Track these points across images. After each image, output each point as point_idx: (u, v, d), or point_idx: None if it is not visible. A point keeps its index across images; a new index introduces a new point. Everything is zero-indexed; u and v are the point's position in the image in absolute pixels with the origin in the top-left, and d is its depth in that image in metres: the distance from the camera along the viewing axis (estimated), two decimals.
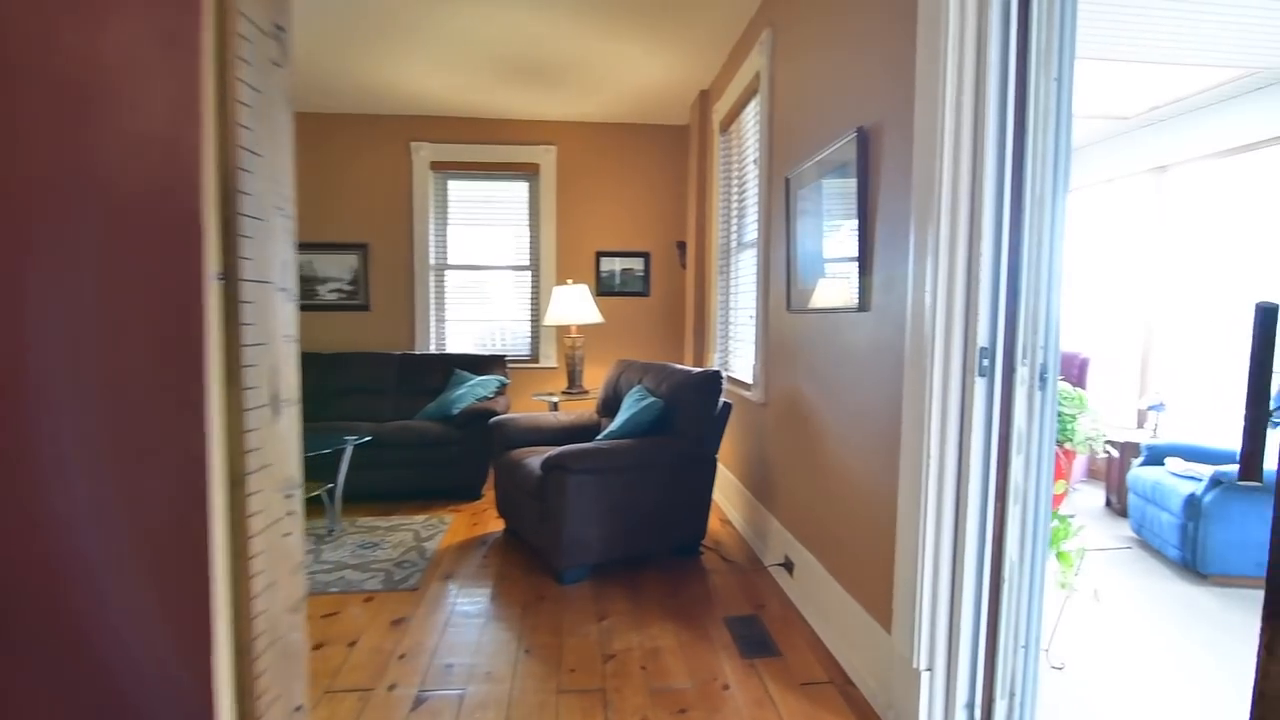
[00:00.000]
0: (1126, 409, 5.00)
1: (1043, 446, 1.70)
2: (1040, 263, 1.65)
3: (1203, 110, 4.26)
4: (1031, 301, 1.66)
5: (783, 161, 2.88)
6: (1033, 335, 1.67)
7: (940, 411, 1.72)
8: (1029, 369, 1.67)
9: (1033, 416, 1.69)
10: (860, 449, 2.16)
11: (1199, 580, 3.11)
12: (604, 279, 5.30)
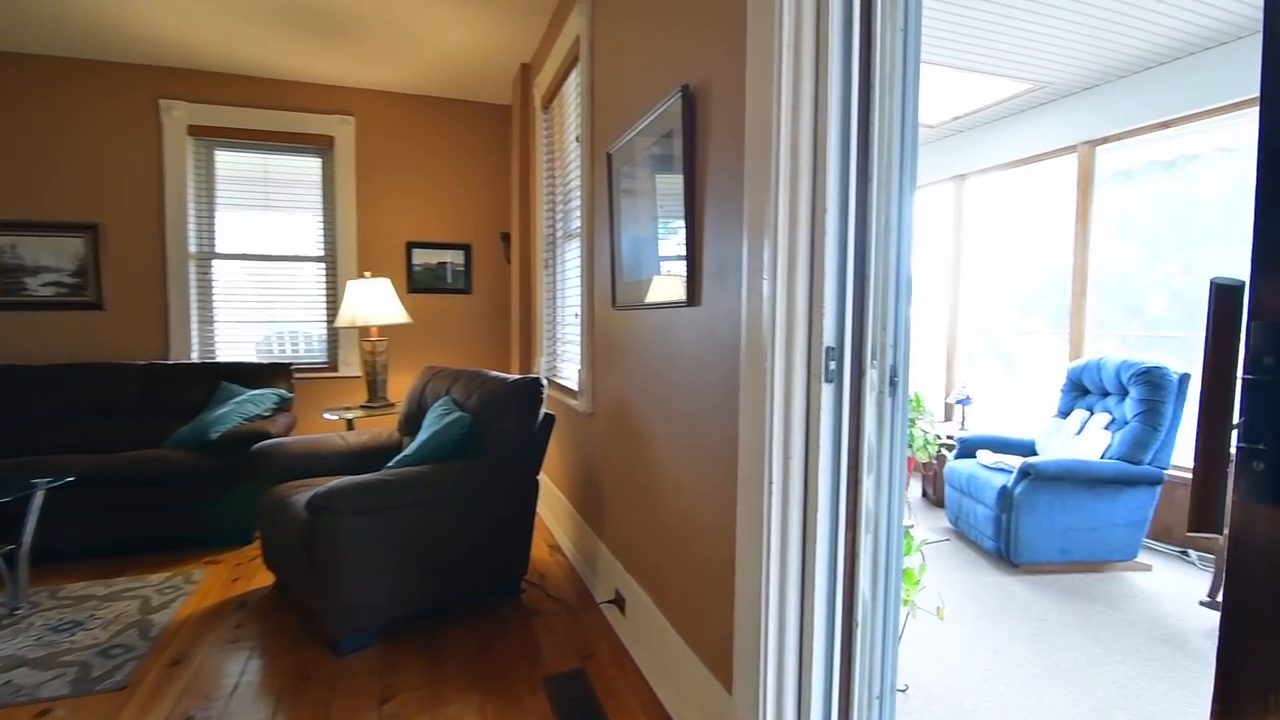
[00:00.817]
0: (935, 403, 5.30)
1: (894, 463, 1.45)
2: (889, 246, 1.40)
3: (997, 123, 4.58)
4: (880, 292, 1.40)
5: (605, 135, 2.51)
6: (882, 333, 1.41)
7: (783, 424, 1.42)
8: (879, 372, 1.42)
9: (883, 428, 1.44)
10: (694, 468, 1.83)
11: (1012, 570, 3.21)
12: (417, 274, 4.64)
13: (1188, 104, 3.47)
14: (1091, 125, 3.96)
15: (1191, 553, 3.44)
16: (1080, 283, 4.14)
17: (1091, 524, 3.18)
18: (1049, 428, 3.82)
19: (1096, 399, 3.61)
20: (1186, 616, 2.73)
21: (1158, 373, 3.21)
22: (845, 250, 1.38)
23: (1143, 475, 3.15)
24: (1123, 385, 3.39)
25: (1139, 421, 3.21)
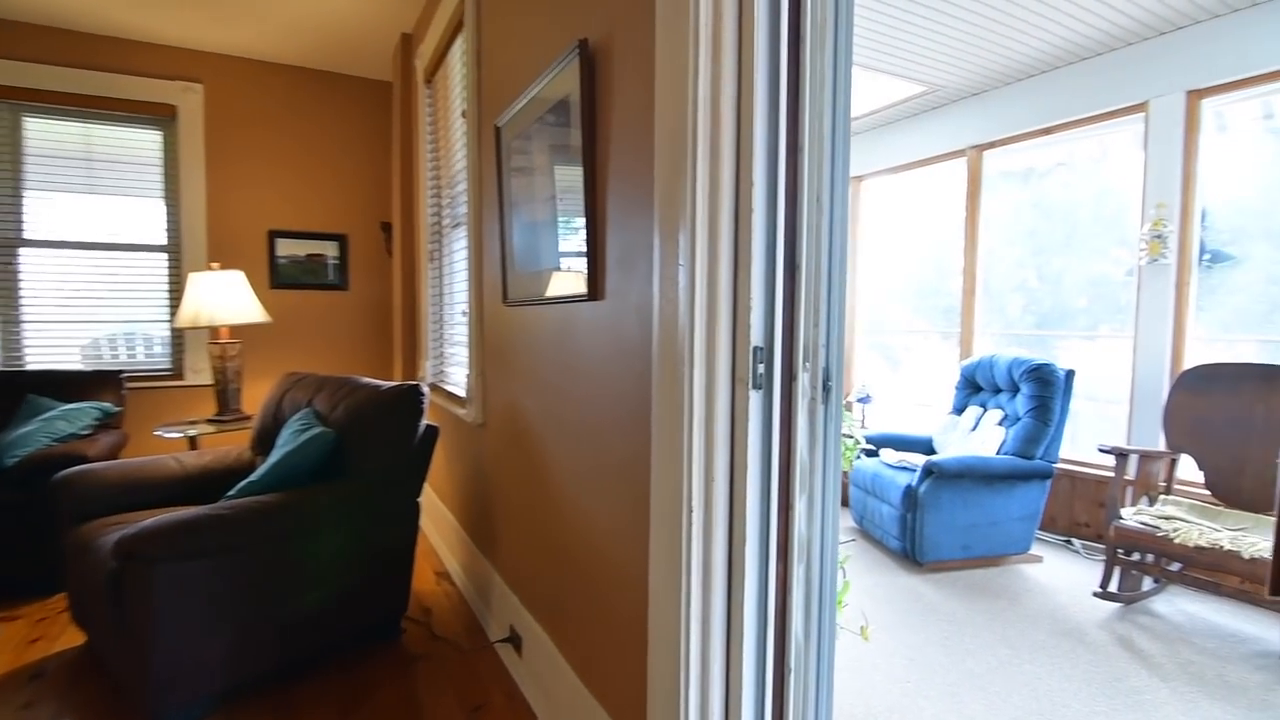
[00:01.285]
0: None
1: (827, 481, 1.26)
2: (821, 231, 1.20)
3: (893, 125, 4.64)
4: (813, 284, 1.21)
5: (494, 108, 2.20)
6: (814, 330, 1.21)
7: (704, 439, 1.19)
8: (811, 376, 1.22)
9: (816, 441, 1.24)
10: (600, 489, 1.57)
11: (917, 569, 3.19)
12: (282, 267, 4.08)
13: (1067, 111, 3.61)
14: (980, 130, 4.07)
15: (1075, 541, 3.58)
16: (970, 282, 4.25)
17: (990, 519, 3.21)
18: (945, 424, 3.88)
19: (990, 395, 3.69)
20: (1081, 608, 2.79)
21: (1047, 370, 3.30)
22: (774, 233, 1.17)
23: (1035, 469, 3.22)
24: (1014, 382, 3.47)
25: (1031, 417, 3.28)
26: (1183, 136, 3.16)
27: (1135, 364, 3.38)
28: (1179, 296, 3.21)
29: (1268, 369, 2.77)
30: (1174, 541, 2.52)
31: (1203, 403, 2.92)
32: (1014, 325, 4.29)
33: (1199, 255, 3.23)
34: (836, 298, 1.24)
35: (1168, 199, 3.21)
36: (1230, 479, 2.80)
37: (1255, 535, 2.50)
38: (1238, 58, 2.94)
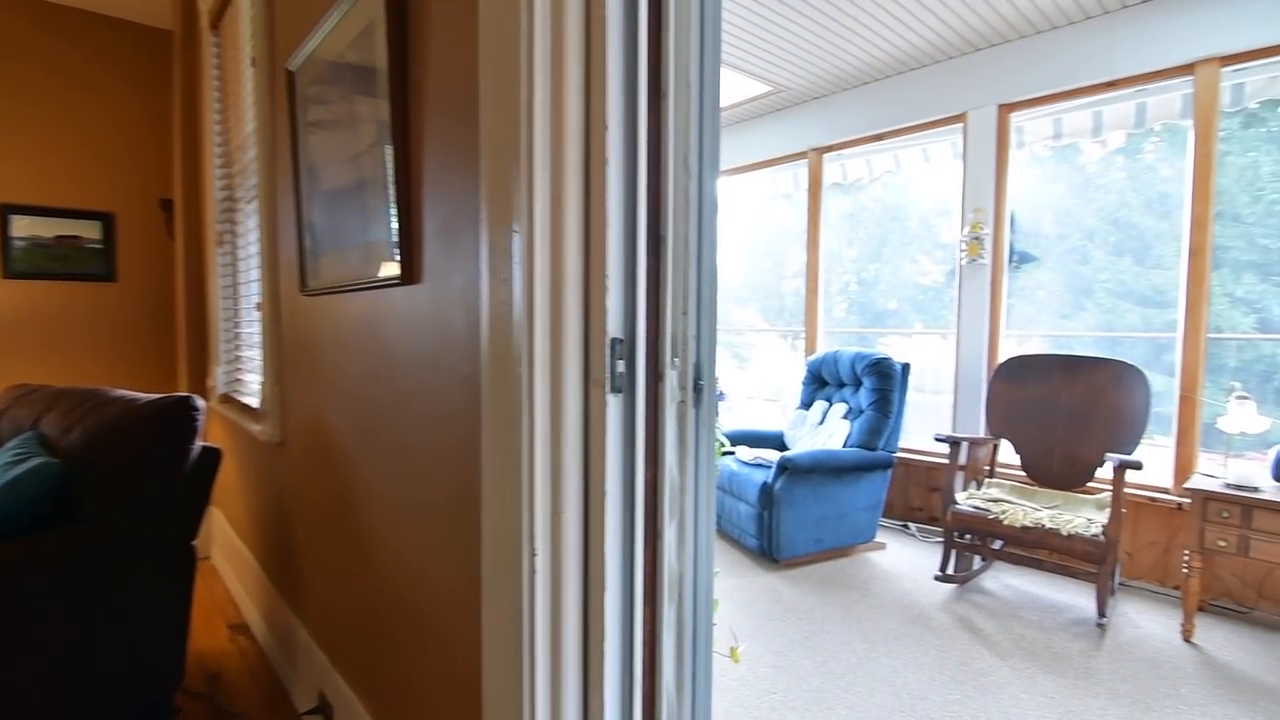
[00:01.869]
0: None
1: (700, 502, 1.05)
2: (690, 198, 0.98)
3: (743, 124, 4.66)
4: (681, 263, 0.98)
5: (286, 48, 1.76)
6: (683, 319, 0.99)
7: (549, 457, 0.92)
8: (680, 374, 0.99)
9: (686, 454, 1.02)
10: (422, 523, 1.24)
11: (775, 566, 3.15)
12: (19, 251, 3.20)
13: (899, 118, 3.78)
14: (820, 133, 4.17)
15: (912, 525, 3.76)
16: (813, 281, 4.36)
17: (840, 511, 3.26)
18: (794, 419, 3.93)
19: (835, 390, 3.78)
20: (924, 592, 2.88)
21: (887, 364, 3.41)
22: (634, 194, 0.92)
23: (879, 460, 3.31)
24: (857, 376, 3.57)
25: (873, 410, 3.38)
26: (995, 147, 3.41)
27: (958, 357, 3.60)
28: (994, 294, 3.46)
29: (1069, 359, 3.04)
30: (1003, 523, 2.66)
31: (1017, 392, 3.14)
32: (846, 323, 4.47)
33: (1009, 256, 3.51)
34: (708, 280, 1.02)
35: (984, 204, 3.45)
36: (1042, 460, 3.04)
37: (1069, 513, 2.71)
38: (1038, 76, 3.21)
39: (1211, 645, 2.43)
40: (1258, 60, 2.69)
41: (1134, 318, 3.77)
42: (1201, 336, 2.86)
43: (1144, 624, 2.60)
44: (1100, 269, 3.57)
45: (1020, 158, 3.53)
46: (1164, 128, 3.15)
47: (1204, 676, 2.21)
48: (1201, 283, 2.85)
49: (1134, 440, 2.80)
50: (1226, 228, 2.94)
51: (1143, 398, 2.81)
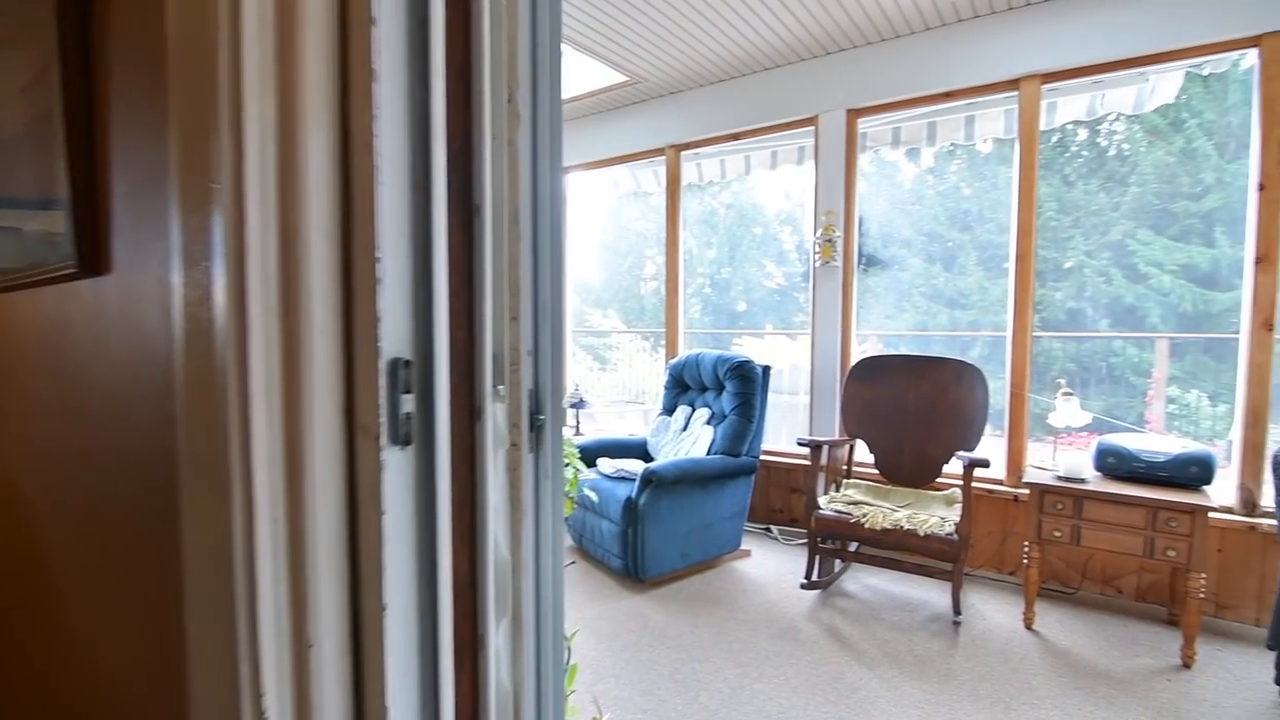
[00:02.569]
0: None
1: (545, 585, 0.74)
2: (518, 149, 0.67)
3: (599, 116, 4.39)
4: (503, 242, 0.66)
5: None
6: (510, 328, 0.67)
7: (283, 555, 0.56)
8: (509, 407, 0.67)
9: (522, 522, 0.70)
10: (126, 634, 0.81)
11: (641, 587, 2.91)
12: None
13: (754, 118, 3.71)
14: (679, 129, 4.02)
15: (773, 528, 3.71)
16: (673, 282, 4.21)
17: (705, 522, 3.09)
18: (657, 425, 3.73)
19: (697, 394, 3.63)
20: (790, 601, 2.77)
21: (748, 367, 3.31)
22: (427, 136, 0.59)
23: (743, 466, 3.19)
24: (719, 379, 3.44)
25: (736, 414, 3.26)
26: (844, 151, 3.42)
27: (813, 358, 3.60)
28: (845, 296, 3.48)
29: (914, 360, 3.10)
30: (865, 526, 2.61)
31: (870, 392, 3.16)
32: (701, 324, 4.37)
33: (858, 259, 3.55)
34: (551, 273, 0.71)
35: (835, 207, 3.45)
36: (894, 459, 3.07)
37: (922, 511, 2.72)
38: (884, 83, 3.25)
39: (1049, 630, 2.53)
40: (1071, 79, 2.87)
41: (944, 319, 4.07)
42: (1028, 336, 3.02)
43: (990, 614, 2.67)
44: (930, 275, 3.73)
45: (864, 163, 3.59)
46: (986, 143, 3.32)
47: (1048, 665, 2.27)
48: (1028, 286, 3.00)
49: (976, 436, 2.89)
50: (981, 233, 3.13)
51: (982, 395, 2.90)
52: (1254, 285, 2.53)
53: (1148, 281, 8.61)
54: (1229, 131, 8.44)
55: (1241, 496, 2.55)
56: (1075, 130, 9.70)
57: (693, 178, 4.43)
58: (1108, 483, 2.50)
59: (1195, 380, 8.28)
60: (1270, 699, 2.05)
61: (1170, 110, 8.83)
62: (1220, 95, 8.54)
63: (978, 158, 10.82)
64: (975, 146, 11.33)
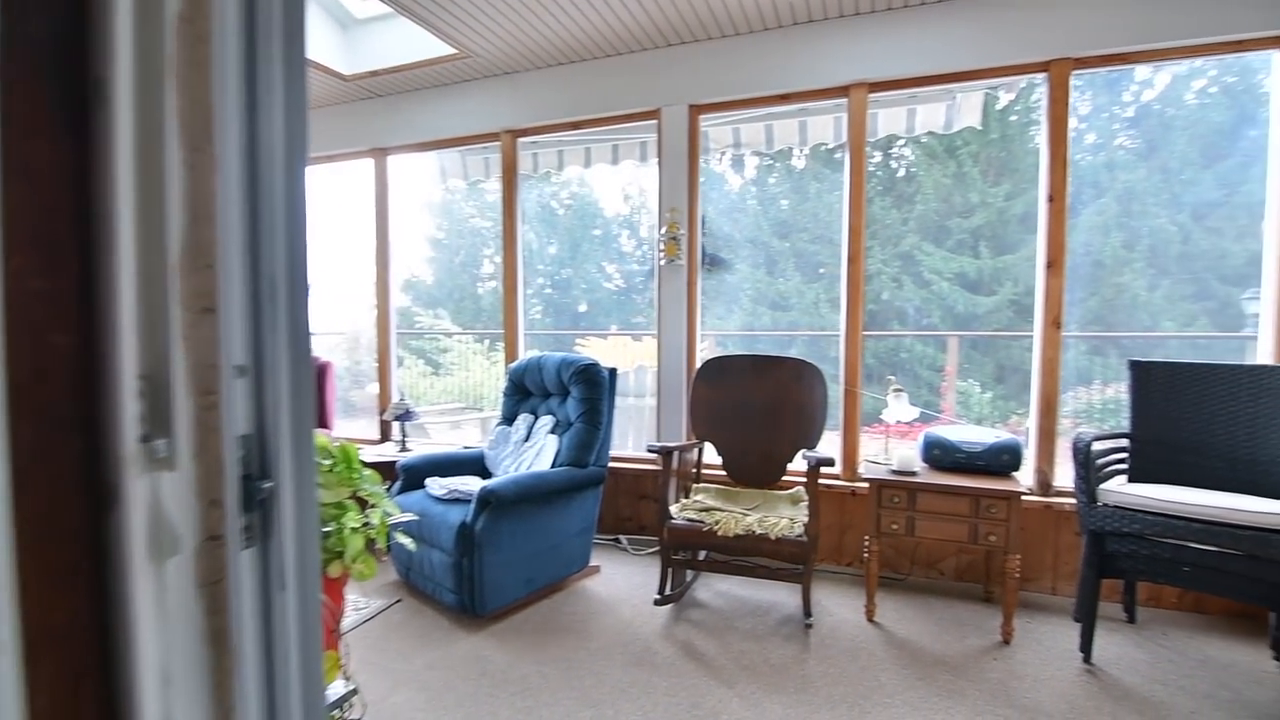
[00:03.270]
0: (369, 427, 4.38)
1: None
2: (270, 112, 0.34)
3: (425, 93, 3.91)
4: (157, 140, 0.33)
5: None
6: (189, 327, 0.34)
7: None
8: (199, 475, 0.34)
9: (240, 680, 0.37)
10: None
11: (480, 624, 2.55)
12: None
13: (595, 107, 3.49)
14: (514, 114, 3.69)
15: (623, 538, 3.52)
16: (511, 279, 3.86)
17: (551, 542, 2.80)
18: (496, 436, 3.37)
19: (540, 401, 3.33)
20: (644, 620, 2.58)
21: (594, 370, 3.07)
22: None
23: (591, 477, 2.95)
24: (564, 384, 3.16)
25: (582, 422, 3.01)
26: (687, 147, 3.32)
27: (660, 359, 3.46)
28: (690, 295, 3.39)
29: (759, 360, 3.07)
30: (719, 534, 2.49)
31: (716, 393, 3.08)
32: (543, 325, 4.08)
33: (701, 259, 3.48)
34: (285, 235, 0.39)
35: (679, 204, 3.34)
36: (741, 460, 3.01)
37: (771, 513, 2.66)
38: (725, 81, 3.19)
39: (889, 620, 2.59)
40: (893, 90, 3.00)
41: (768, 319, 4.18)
42: (859, 335, 3.11)
43: (835, 609, 2.68)
44: (755, 279, 3.77)
45: (705, 164, 3.53)
46: (802, 159, 3.41)
47: (892, 658, 2.29)
48: (858, 286, 3.09)
49: (817, 434, 2.91)
50: (797, 242, 3.26)
51: (821, 393, 2.93)
52: (1045, 287, 2.79)
53: (931, 287, 9.80)
54: (990, 160, 9.83)
55: (1038, 479, 2.81)
56: (871, 153, 10.75)
57: (529, 168, 4.11)
58: (935, 473, 2.60)
59: (969, 372, 9.52)
60: (1078, 666, 2.22)
61: (945, 139, 10.11)
62: (985, 129, 9.92)
63: (794, 172, 11.67)
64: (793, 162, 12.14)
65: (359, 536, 1.35)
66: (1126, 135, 9.51)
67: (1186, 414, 2.34)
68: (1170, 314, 8.84)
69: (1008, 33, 2.72)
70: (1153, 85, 9.41)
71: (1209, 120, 9.08)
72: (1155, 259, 8.92)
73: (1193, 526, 1.97)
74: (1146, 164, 9.21)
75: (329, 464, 1.34)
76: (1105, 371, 6.17)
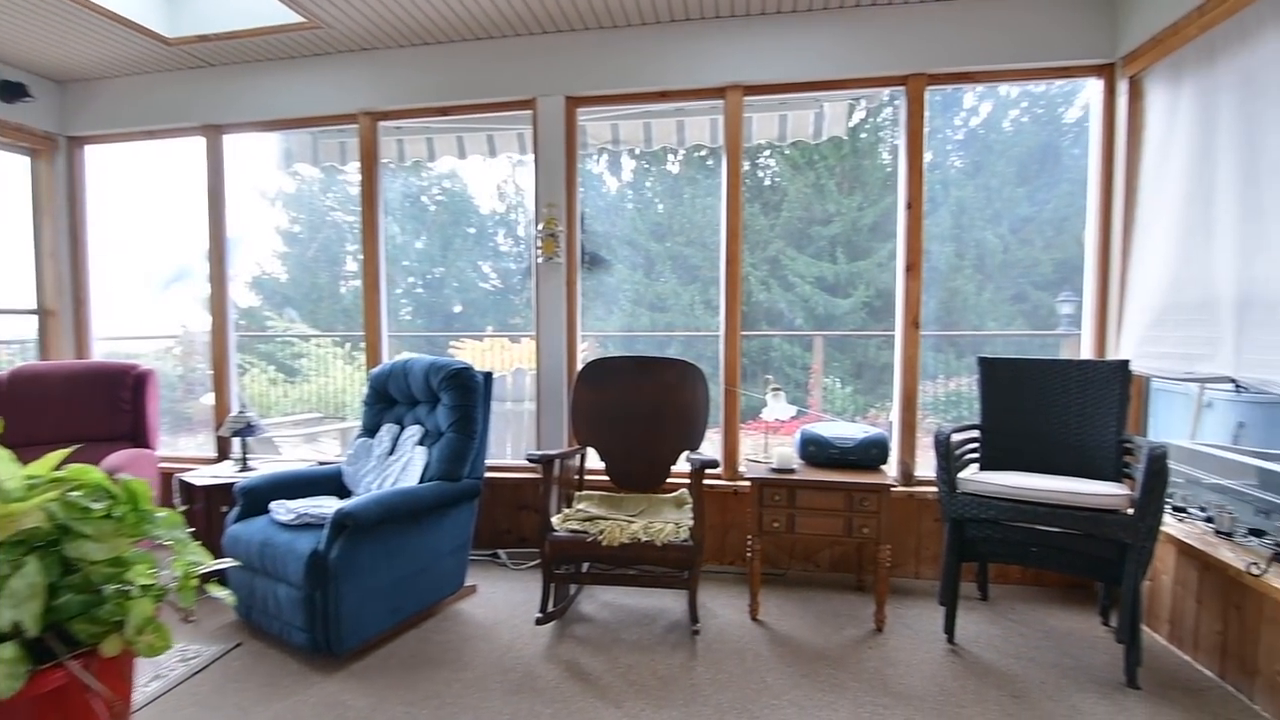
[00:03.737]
0: (204, 445, 3.80)
1: None
2: None
3: (271, 65, 3.43)
4: None
5: None
6: None
7: None
8: None
9: None
10: None
11: (336, 666, 2.24)
12: None
13: (465, 92, 3.24)
14: (374, 94, 3.33)
15: (501, 553, 3.29)
16: (372, 276, 3.50)
17: (421, 565, 2.54)
18: (356, 450, 3.02)
19: (406, 409, 3.02)
20: (525, 642, 2.39)
21: (467, 375, 2.83)
22: None
23: (465, 491, 2.71)
24: (433, 391, 2.89)
25: (454, 431, 2.75)
26: (565, 140, 3.17)
27: (540, 362, 3.28)
28: (570, 294, 3.24)
29: (642, 362, 2.98)
30: (603, 544, 2.36)
31: (599, 396, 2.95)
32: (413, 327, 3.76)
33: (581, 257, 3.34)
34: None
35: (557, 200, 3.18)
36: (625, 465, 2.91)
37: (656, 518, 2.58)
38: (603, 73, 3.07)
39: (771, 618, 2.59)
40: (767, 95, 3.03)
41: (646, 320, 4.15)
42: (738, 335, 3.12)
43: (720, 611, 2.65)
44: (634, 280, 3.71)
45: (584, 159, 3.40)
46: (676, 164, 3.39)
47: (777, 656, 2.28)
48: (736, 286, 3.10)
49: (700, 435, 2.87)
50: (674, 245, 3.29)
51: (703, 393, 2.90)
52: (905, 289, 2.93)
53: (795, 290, 10.36)
54: (844, 173, 10.54)
55: (902, 470, 2.95)
56: (743, 161, 11.16)
57: (393, 156, 3.77)
58: (812, 469, 2.64)
59: (831, 369, 10.13)
60: (943, 648, 2.32)
61: (805, 152, 10.72)
62: (839, 145, 10.62)
63: (669, 176, 11.86)
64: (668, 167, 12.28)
65: (147, 600, 1.04)
66: (957, 155, 10.58)
67: (1028, 405, 2.54)
68: (994, 314, 9.93)
69: (871, 46, 2.83)
70: (978, 113, 10.55)
71: (1023, 144, 10.31)
72: (982, 266, 10.00)
73: (1039, 510, 2.11)
74: (974, 181, 10.30)
75: (102, 508, 1.01)
76: (946, 367, 6.78)
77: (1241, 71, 2.04)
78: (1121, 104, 2.64)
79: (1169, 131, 2.39)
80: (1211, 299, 2.15)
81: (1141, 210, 2.56)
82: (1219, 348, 2.12)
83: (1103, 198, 2.75)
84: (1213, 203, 2.15)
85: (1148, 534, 1.97)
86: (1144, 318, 2.50)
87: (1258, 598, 1.90)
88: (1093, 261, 2.80)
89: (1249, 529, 2.06)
